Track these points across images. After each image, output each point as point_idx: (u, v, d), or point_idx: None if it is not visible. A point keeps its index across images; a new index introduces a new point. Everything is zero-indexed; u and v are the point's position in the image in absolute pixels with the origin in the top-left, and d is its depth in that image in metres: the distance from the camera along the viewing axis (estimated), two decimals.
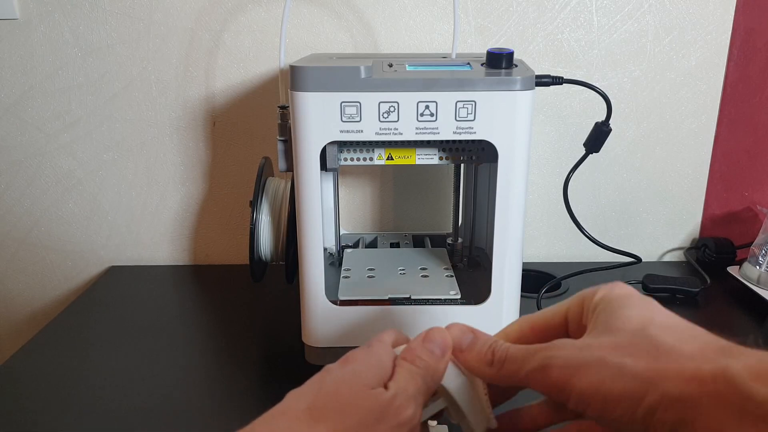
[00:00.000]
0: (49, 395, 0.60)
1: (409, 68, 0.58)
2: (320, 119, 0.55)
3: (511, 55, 0.57)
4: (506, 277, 0.60)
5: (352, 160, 0.61)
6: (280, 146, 0.62)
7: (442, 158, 0.62)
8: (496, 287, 0.61)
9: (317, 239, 0.59)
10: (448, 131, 0.56)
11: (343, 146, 0.61)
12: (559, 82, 0.61)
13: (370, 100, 0.54)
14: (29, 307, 0.95)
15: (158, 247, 0.92)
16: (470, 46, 0.83)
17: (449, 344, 0.36)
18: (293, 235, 0.64)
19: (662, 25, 0.82)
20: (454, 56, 0.64)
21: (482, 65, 0.58)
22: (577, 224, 0.76)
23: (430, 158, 0.62)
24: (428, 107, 0.55)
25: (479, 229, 0.73)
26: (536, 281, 0.79)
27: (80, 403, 0.60)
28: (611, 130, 0.69)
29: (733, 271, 0.82)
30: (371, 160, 0.61)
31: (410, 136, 0.56)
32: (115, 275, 0.89)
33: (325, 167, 0.59)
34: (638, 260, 0.79)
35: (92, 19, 0.81)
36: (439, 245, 0.78)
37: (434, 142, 0.61)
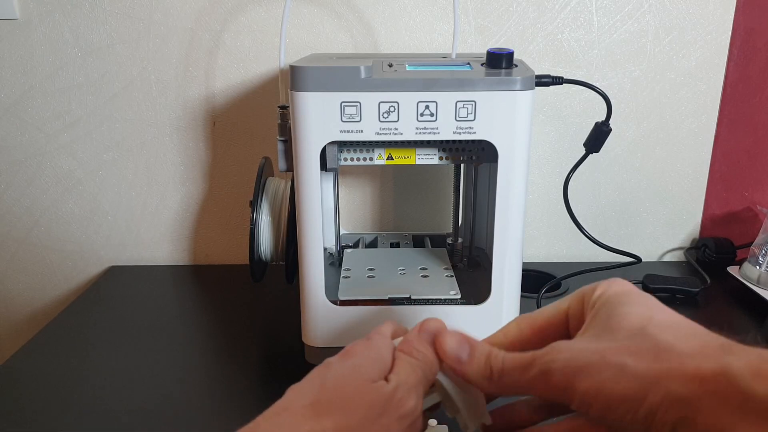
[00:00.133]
0: (49, 395, 0.60)
1: (409, 68, 0.58)
2: (320, 119, 0.55)
3: (511, 55, 0.57)
4: (506, 277, 0.61)
5: (352, 160, 0.61)
6: (280, 146, 0.62)
7: (442, 158, 0.62)
8: (496, 287, 0.61)
9: (317, 239, 0.59)
10: (448, 131, 0.56)
11: (343, 146, 0.61)
12: (559, 82, 0.61)
13: (370, 100, 0.54)
14: (29, 307, 0.95)
15: (158, 247, 0.92)
16: (470, 46, 0.83)
17: (444, 332, 0.36)
18: (293, 235, 0.64)
19: (662, 25, 0.82)
20: (454, 56, 0.64)
21: (482, 65, 0.59)
22: (577, 224, 0.76)
23: (430, 158, 0.62)
24: (428, 107, 0.55)
25: (479, 229, 0.73)
26: (536, 281, 0.79)
27: (80, 403, 0.60)
28: (611, 130, 0.69)
29: (733, 271, 0.82)
30: (371, 160, 0.61)
31: (410, 136, 0.56)
32: (115, 275, 0.89)
33: (325, 167, 0.59)
34: (638, 260, 0.79)
35: (92, 19, 0.81)
36: (439, 245, 0.78)
37: (434, 142, 0.61)
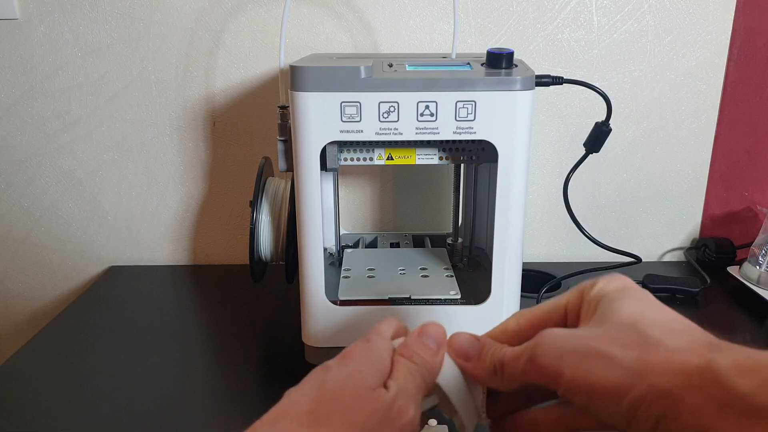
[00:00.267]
0: (49, 395, 0.60)
1: (409, 68, 0.58)
2: (320, 119, 0.55)
3: (511, 55, 0.57)
4: (506, 277, 0.61)
5: (352, 160, 0.61)
6: (280, 146, 0.62)
7: (442, 158, 0.62)
8: (496, 287, 0.61)
9: (317, 239, 0.59)
10: (448, 131, 0.56)
11: (343, 146, 0.61)
12: (559, 82, 0.61)
13: (370, 100, 0.54)
14: (29, 307, 0.95)
15: (158, 247, 0.92)
16: (470, 46, 0.83)
17: (445, 338, 0.36)
18: (293, 235, 0.64)
19: (662, 25, 0.82)
20: (454, 56, 0.64)
21: (482, 65, 0.58)
22: (577, 224, 0.76)
23: (430, 158, 0.62)
24: (428, 107, 0.55)
25: (479, 229, 0.73)
26: (536, 281, 0.79)
27: (80, 403, 0.60)
28: (611, 130, 0.69)
29: (733, 271, 0.82)
30: (371, 160, 0.61)
31: (410, 136, 0.56)
32: (115, 275, 0.89)
33: (325, 167, 0.59)
34: (638, 260, 0.79)
35: (92, 19, 0.81)
36: (439, 245, 0.78)
37: (434, 142, 0.61)
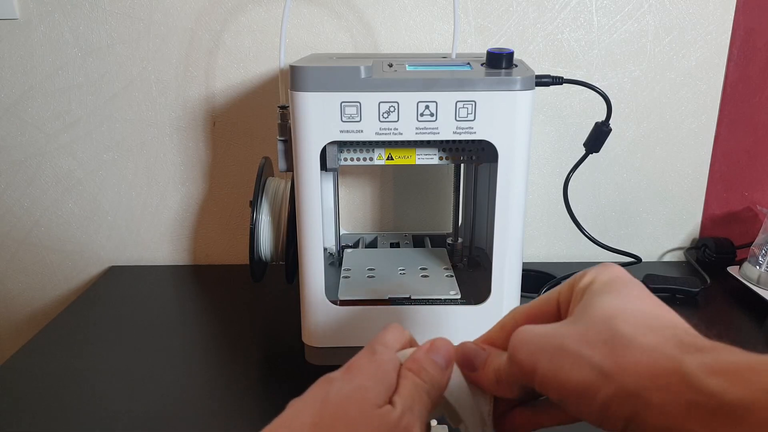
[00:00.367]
0: (49, 395, 0.60)
1: (409, 68, 0.58)
2: (320, 119, 0.55)
3: (511, 55, 0.57)
4: (506, 277, 0.61)
5: (352, 160, 0.61)
6: (280, 146, 0.62)
7: (442, 158, 0.62)
8: (496, 287, 0.61)
9: (317, 239, 0.59)
10: (448, 131, 0.56)
11: (343, 146, 0.61)
12: (559, 82, 0.61)
13: (370, 100, 0.54)
14: (29, 307, 0.95)
15: (158, 247, 0.92)
16: (470, 46, 0.83)
17: (453, 356, 0.36)
18: (293, 235, 0.64)
19: (662, 25, 0.82)
20: (454, 56, 0.64)
21: (482, 65, 0.58)
22: (577, 224, 0.76)
23: (430, 158, 0.62)
24: (428, 107, 0.55)
25: (479, 229, 0.73)
26: (536, 281, 0.79)
27: (80, 402, 0.60)
28: (611, 130, 0.69)
29: (733, 271, 0.82)
30: (371, 160, 0.61)
31: (410, 136, 0.56)
32: (115, 275, 0.89)
33: (325, 167, 0.59)
34: (638, 260, 0.79)
35: (92, 19, 0.81)
36: (439, 245, 0.78)
37: (434, 142, 0.61)
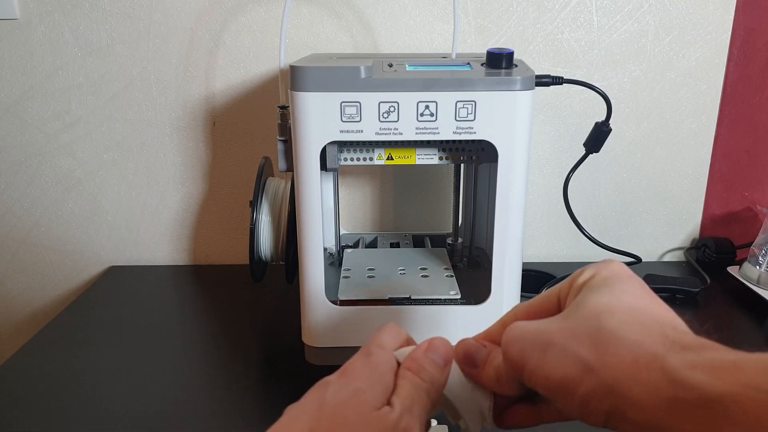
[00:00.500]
0: (49, 395, 0.60)
1: (409, 68, 0.58)
2: (320, 119, 0.55)
3: (511, 55, 0.57)
4: (506, 277, 0.61)
5: (352, 160, 0.61)
6: (280, 146, 0.62)
7: (442, 158, 0.62)
8: (496, 287, 0.61)
9: (317, 239, 0.59)
10: (448, 131, 0.56)
11: (343, 146, 0.61)
12: (559, 82, 0.61)
13: (370, 100, 0.54)
14: (29, 307, 0.95)
15: (158, 247, 0.92)
16: (470, 46, 0.83)
17: (452, 355, 0.36)
18: (293, 235, 0.64)
19: (662, 25, 0.82)
20: (454, 56, 0.64)
21: (482, 65, 0.58)
22: (577, 224, 0.76)
23: (430, 158, 0.62)
24: (428, 107, 0.55)
25: (479, 229, 0.73)
26: (536, 281, 0.79)
27: (80, 403, 0.60)
28: (611, 130, 0.69)
29: (733, 271, 0.82)
30: (371, 160, 0.61)
31: (410, 136, 0.56)
32: (115, 275, 0.89)
33: (325, 167, 0.59)
34: (638, 260, 0.79)
35: (92, 19, 0.81)
36: (439, 245, 0.78)
37: (434, 142, 0.61)
